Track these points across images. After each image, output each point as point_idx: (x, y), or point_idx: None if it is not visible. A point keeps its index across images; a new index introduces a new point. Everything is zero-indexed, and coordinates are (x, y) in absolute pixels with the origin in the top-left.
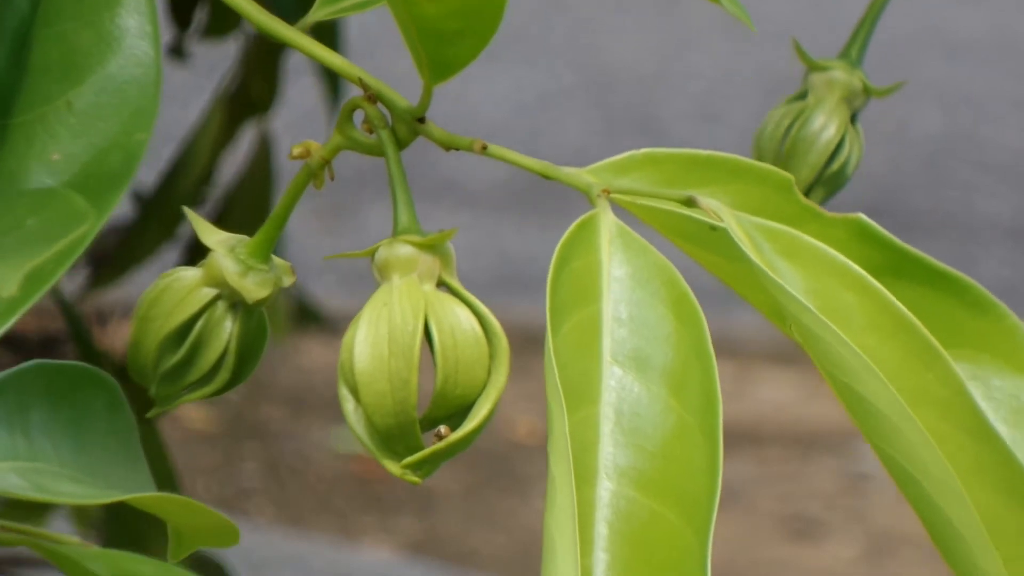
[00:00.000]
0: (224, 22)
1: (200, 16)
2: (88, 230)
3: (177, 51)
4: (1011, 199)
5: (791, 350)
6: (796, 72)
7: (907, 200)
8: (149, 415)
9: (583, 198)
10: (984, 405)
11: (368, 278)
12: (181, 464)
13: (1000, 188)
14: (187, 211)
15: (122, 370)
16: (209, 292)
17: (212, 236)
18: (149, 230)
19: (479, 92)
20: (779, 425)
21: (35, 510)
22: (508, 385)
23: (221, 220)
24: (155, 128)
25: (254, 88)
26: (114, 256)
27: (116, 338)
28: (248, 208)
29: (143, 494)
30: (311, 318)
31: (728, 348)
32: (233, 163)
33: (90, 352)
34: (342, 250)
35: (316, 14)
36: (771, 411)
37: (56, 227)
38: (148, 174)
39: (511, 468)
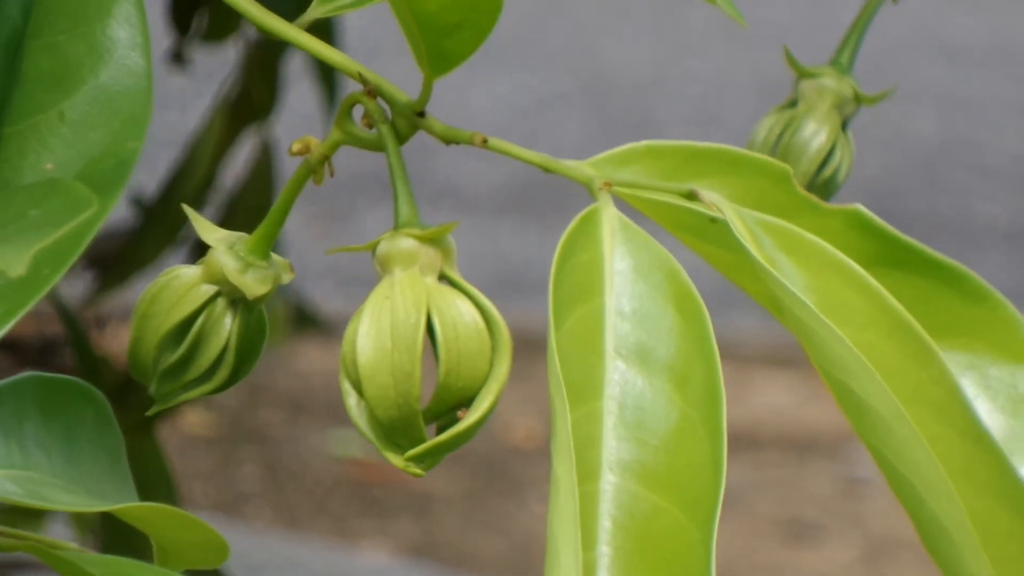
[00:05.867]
0: (224, 27)
1: (199, 21)
2: (96, 215)
3: (177, 57)
4: (1008, 203)
5: (789, 353)
6: (792, 77)
7: (903, 204)
8: (149, 413)
9: (581, 201)
10: (981, 395)
11: (366, 282)
12: (179, 468)
13: (997, 192)
14: (187, 209)
15: (122, 375)
16: (209, 289)
17: (212, 234)
18: (150, 236)
19: (478, 96)
20: (777, 428)
21: (32, 517)
22: (506, 389)
23: (223, 226)
24: (155, 134)
25: (254, 93)
26: (116, 262)
27: (114, 342)
28: (250, 214)
29: (133, 503)
30: (309, 322)
31: (726, 351)
32: (234, 169)
33: (88, 356)
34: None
35: (315, 11)
36: (769, 414)
37: (61, 214)
38: (149, 180)
39: (509, 472)
